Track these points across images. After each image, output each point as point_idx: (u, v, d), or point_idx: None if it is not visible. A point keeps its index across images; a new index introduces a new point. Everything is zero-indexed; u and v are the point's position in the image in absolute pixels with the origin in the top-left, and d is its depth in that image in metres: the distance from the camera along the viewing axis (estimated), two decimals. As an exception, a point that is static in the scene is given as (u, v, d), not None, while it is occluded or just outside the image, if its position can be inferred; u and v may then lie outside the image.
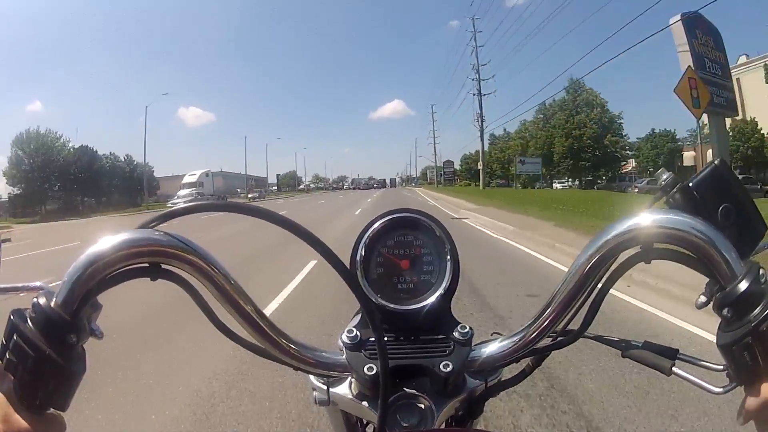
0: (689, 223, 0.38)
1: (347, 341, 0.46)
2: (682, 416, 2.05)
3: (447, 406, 0.46)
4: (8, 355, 0.35)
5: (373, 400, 0.46)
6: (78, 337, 0.36)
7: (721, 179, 0.43)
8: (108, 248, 0.37)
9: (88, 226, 17.92)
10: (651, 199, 0.45)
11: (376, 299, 0.48)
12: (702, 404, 2.10)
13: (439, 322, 0.49)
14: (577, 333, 0.46)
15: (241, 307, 0.42)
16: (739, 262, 0.38)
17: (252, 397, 2.43)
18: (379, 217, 0.51)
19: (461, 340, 0.47)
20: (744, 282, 0.36)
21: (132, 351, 3.15)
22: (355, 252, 0.50)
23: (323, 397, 0.49)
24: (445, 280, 0.49)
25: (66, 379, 0.36)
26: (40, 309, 0.35)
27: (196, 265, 0.39)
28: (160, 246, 0.38)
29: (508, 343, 0.47)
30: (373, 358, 0.45)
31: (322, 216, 15.82)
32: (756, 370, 0.36)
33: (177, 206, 0.42)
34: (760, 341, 0.35)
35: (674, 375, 0.42)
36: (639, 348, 0.45)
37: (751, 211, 0.43)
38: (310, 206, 25.38)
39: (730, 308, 0.37)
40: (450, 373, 0.44)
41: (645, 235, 0.39)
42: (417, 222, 0.51)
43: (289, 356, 0.46)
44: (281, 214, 0.39)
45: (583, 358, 2.64)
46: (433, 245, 0.51)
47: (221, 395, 2.48)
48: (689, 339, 3.00)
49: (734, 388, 0.38)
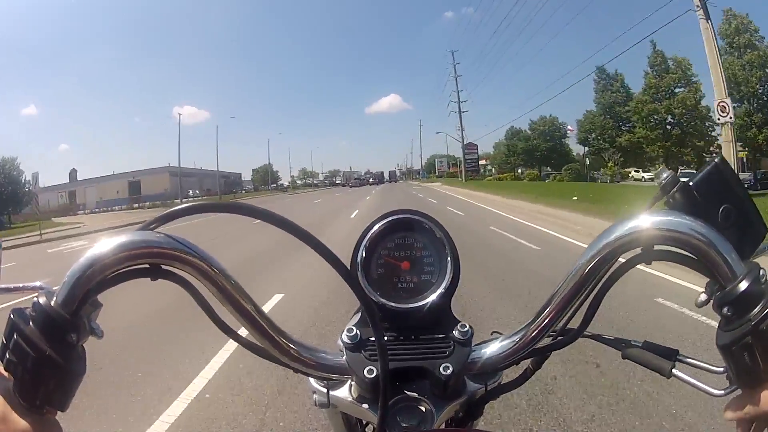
0: (689, 225, 0.38)
1: (347, 341, 0.46)
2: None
3: (447, 408, 0.46)
4: (8, 355, 0.35)
5: (373, 402, 0.46)
6: (78, 336, 0.36)
7: (722, 179, 0.42)
8: (108, 250, 0.37)
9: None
10: (650, 199, 0.45)
11: (376, 298, 0.48)
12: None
13: (439, 320, 0.49)
14: (577, 332, 0.46)
15: (242, 306, 0.42)
16: (739, 262, 0.38)
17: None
18: (380, 218, 0.51)
19: (461, 340, 0.47)
20: (744, 282, 0.36)
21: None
22: (356, 253, 0.50)
23: (323, 400, 0.49)
24: (446, 280, 0.49)
25: (66, 379, 0.36)
26: (40, 308, 0.35)
27: (195, 265, 0.40)
28: (159, 248, 0.38)
29: (508, 343, 0.47)
30: (373, 359, 0.45)
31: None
32: (756, 373, 0.35)
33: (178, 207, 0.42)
34: (759, 341, 0.35)
35: (674, 377, 0.42)
36: (639, 348, 0.45)
37: (752, 211, 0.42)
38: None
39: (730, 307, 0.37)
40: (450, 376, 0.44)
41: (645, 237, 0.39)
42: (417, 223, 0.51)
43: (289, 357, 0.46)
44: (281, 215, 0.39)
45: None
46: (433, 246, 0.51)
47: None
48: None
49: (734, 390, 0.38)
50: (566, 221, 9.75)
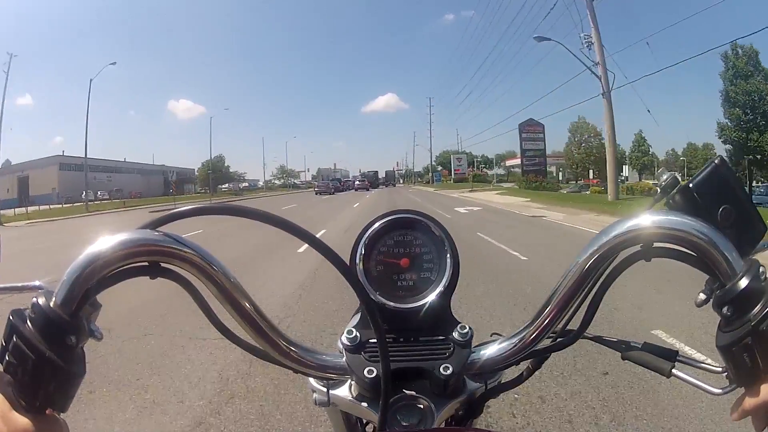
0: (689, 224, 0.38)
1: (347, 343, 0.46)
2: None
3: (447, 407, 0.46)
4: (8, 357, 0.35)
5: (373, 401, 0.46)
6: (77, 338, 0.36)
7: (721, 179, 0.42)
8: (107, 248, 0.37)
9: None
10: (650, 200, 0.45)
11: (376, 297, 0.48)
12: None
13: (438, 321, 0.49)
14: (577, 334, 0.46)
15: (241, 306, 0.42)
16: (739, 259, 0.38)
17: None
18: (379, 217, 0.52)
19: (461, 342, 0.47)
20: (744, 279, 0.36)
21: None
22: (355, 250, 0.50)
23: (323, 399, 0.49)
24: (445, 278, 0.49)
25: (66, 381, 0.35)
26: (39, 309, 0.35)
27: (195, 263, 0.39)
28: (158, 245, 0.38)
29: (508, 345, 0.47)
30: (373, 360, 0.45)
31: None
32: (755, 372, 0.36)
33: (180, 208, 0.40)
34: (759, 342, 0.35)
35: (674, 377, 0.42)
36: (638, 349, 0.45)
37: (751, 211, 0.42)
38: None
39: (730, 306, 0.37)
40: (450, 376, 0.44)
41: (645, 235, 0.39)
42: (416, 222, 0.51)
43: (288, 358, 0.45)
44: (281, 216, 0.39)
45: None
46: (432, 244, 0.51)
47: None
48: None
49: (734, 389, 0.38)
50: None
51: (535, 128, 33.78)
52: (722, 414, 1.99)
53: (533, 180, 30.90)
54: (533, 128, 33.78)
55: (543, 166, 34.39)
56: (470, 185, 39.28)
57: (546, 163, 34.65)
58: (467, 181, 46.45)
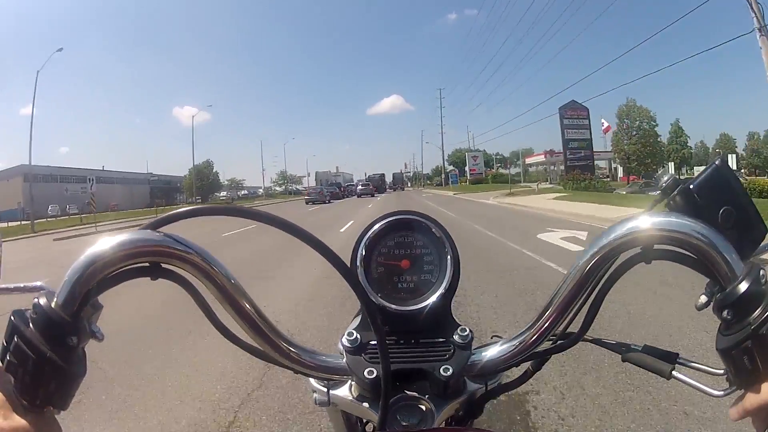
0: (689, 226, 0.38)
1: (347, 344, 0.47)
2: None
3: (447, 407, 0.46)
4: (9, 357, 0.35)
5: (373, 401, 0.46)
6: (78, 339, 0.36)
7: (722, 181, 0.42)
8: (108, 248, 0.37)
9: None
10: (651, 201, 0.45)
11: (377, 299, 0.48)
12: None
13: (439, 323, 0.49)
14: (577, 336, 0.46)
15: (242, 307, 0.42)
16: (739, 262, 0.38)
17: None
18: (380, 218, 0.52)
19: (461, 344, 0.47)
20: (744, 282, 0.36)
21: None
22: (356, 252, 0.50)
23: (323, 399, 0.49)
24: (446, 280, 0.49)
25: (66, 381, 0.36)
26: (41, 310, 0.35)
27: (195, 264, 0.39)
28: (159, 246, 0.38)
29: (508, 347, 0.47)
30: (373, 361, 0.45)
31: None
32: (756, 374, 0.36)
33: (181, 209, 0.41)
34: (759, 345, 0.35)
35: (674, 379, 0.42)
36: (639, 352, 0.45)
37: (752, 212, 0.42)
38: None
39: (730, 309, 0.37)
40: (450, 377, 0.45)
41: (645, 237, 0.39)
42: (416, 223, 0.51)
43: (289, 359, 0.45)
44: (282, 217, 0.40)
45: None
46: (433, 245, 0.51)
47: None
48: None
49: (734, 391, 0.38)
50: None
51: (579, 112, 27.14)
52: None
53: (579, 178, 24.20)
54: (576, 112, 27.11)
55: (590, 160, 27.64)
56: (491, 186, 33.77)
57: (593, 157, 28.12)
58: (485, 182, 40.95)
